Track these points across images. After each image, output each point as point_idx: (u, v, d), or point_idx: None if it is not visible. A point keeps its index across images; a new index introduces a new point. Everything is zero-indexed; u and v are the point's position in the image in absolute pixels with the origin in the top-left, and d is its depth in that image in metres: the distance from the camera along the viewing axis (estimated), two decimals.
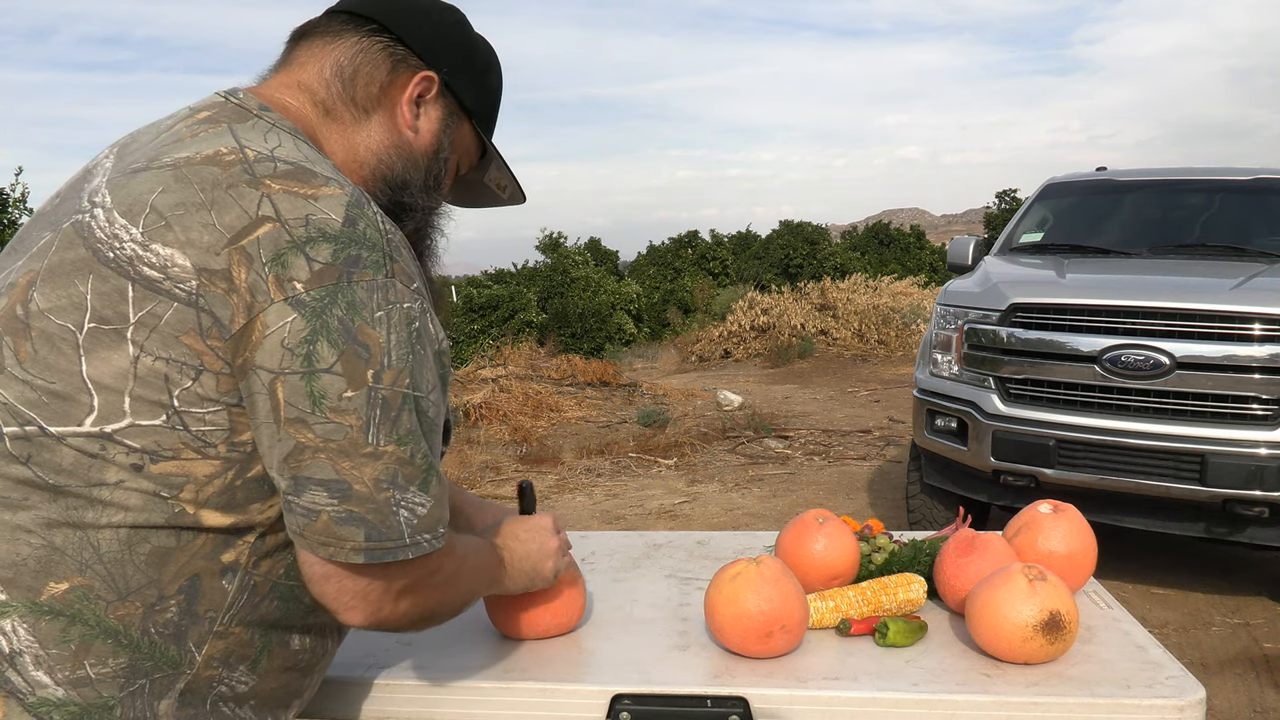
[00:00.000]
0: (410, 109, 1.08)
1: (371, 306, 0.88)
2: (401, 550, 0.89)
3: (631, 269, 36.89)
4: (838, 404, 9.48)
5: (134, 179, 0.92)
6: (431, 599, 0.98)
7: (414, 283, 0.93)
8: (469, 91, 1.12)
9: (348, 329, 0.86)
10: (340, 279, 0.87)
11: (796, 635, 1.23)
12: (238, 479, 0.90)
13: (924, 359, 4.54)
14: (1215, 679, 3.30)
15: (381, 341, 0.88)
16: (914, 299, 14.91)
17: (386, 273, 0.90)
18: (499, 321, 21.79)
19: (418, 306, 0.92)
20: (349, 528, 0.87)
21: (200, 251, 0.87)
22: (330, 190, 0.91)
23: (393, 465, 0.88)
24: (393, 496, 0.88)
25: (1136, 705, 1.10)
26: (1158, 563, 4.44)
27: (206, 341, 0.86)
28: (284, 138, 0.96)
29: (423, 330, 0.92)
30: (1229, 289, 3.77)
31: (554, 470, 6.76)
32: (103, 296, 0.87)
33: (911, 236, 44.46)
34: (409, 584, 0.94)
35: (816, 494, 5.91)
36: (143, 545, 0.88)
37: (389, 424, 0.88)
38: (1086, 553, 1.42)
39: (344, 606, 0.92)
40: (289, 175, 0.91)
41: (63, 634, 0.87)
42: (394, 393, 0.88)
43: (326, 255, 0.87)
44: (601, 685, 1.16)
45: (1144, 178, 5.25)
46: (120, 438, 0.87)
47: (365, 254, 0.89)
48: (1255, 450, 3.51)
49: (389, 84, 1.07)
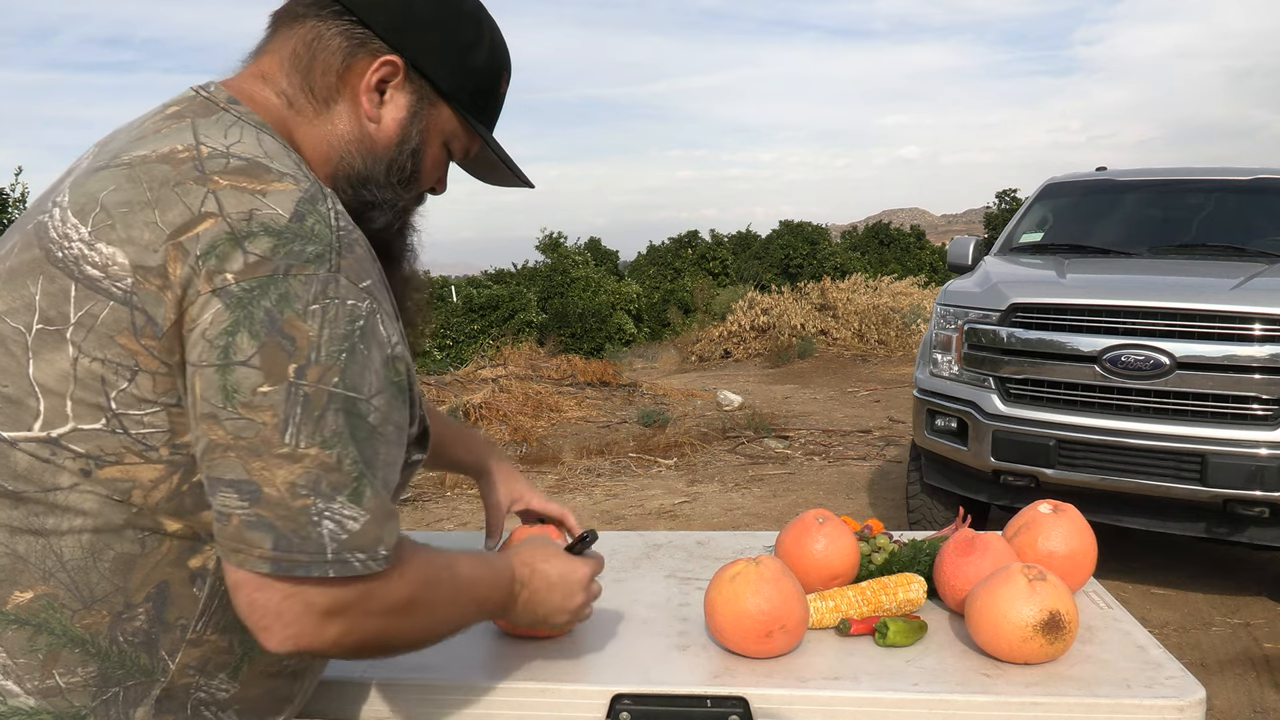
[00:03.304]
0: (371, 98, 1.00)
1: (306, 299, 0.82)
2: (319, 566, 0.80)
3: (631, 269, 36.90)
4: (838, 404, 9.47)
5: (92, 177, 0.89)
6: (373, 628, 0.87)
7: (365, 282, 0.87)
8: (443, 73, 1.03)
9: (273, 320, 0.80)
10: (276, 272, 0.81)
11: (796, 635, 1.23)
12: (184, 484, 0.86)
13: (924, 359, 4.54)
14: (1215, 679, 3.30)
15: (311, 335, 0.81)
16: (914, 299, 14.91)
17: (330, 268, 0.84)
18: (499, 321, 21.78)
19: (365, 306, 0.85)
20: (257, 533, 0.79)
21: (139, 249, 0.83)
22: (282, 186, 0.86)
23: (314, 470, 0.80)
24: (312, 505, 0.80)
25: (1136, 705, 1.10)
26: (1158, 563, 4.44)
27: (140, 341, 0.83)
28: (246, 132, 0.92)
29: (369, 331, 0.85)
30: (1229, 289, 3.77)
31: (554, 470, 6.76)
32: (50, 297, 0.84)
33: (911, 236, 44.49)
34: (335, 608, 0.83)
35: (816, 494, 5.91)
36: (106, 552, 0.85)
37: (311, 424, 0.80)
38: (1086, 553, 1.42)
39: (258, 624, 0.82)
40: (240, 171, 0.86)
41: (29, 643, 0.84)
42: (319, 390, 0.81)
43: (265, 249, 0.82)
44: (601, 685, 1.16)
45: (1144, 178, 5.25)
46: (66, 442, 0.83)
47: (309, 249, 0.83)
48: (1255, 450, 3.51)
49: (346, 71, 0.99)
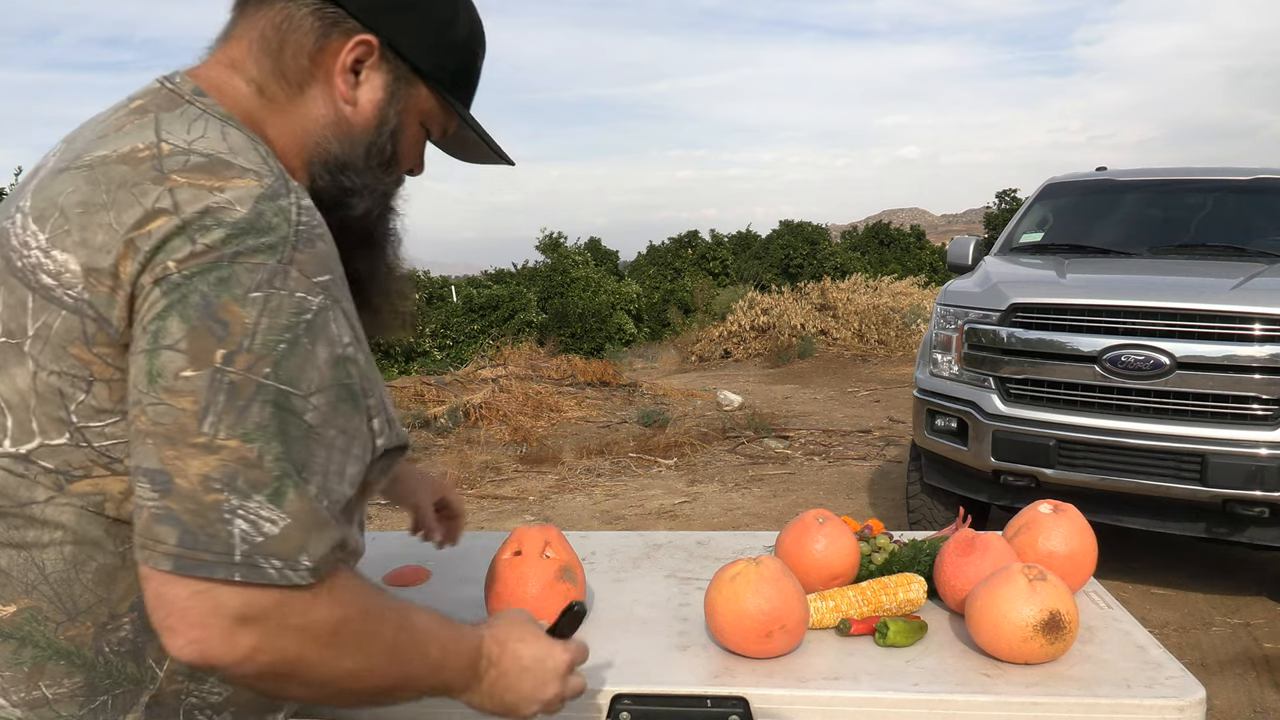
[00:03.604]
0: (346, 79, 0.95)
1: (248, 285, 0.77)
2: (225, 568, 0.74)
3: (631, 269, 36.90)
4: (838, 404, 9.47)
5: (55, 180, 0.86)
6: (292, 650, 0.78)
7: (321, 277, 0.82)
8: (420, 51, 0.98)
9: (208, 304, 0.76)
10: (221, 260, 0.77)
11: (796, 635, 1.23)
12: None
13: (924, 359, 4.54)
14: (1215, 679, 3.30)
15: (247, 322, 0.76)
16: (914, 299, 14.91)
17: (282, 259, 0.79)
18: (499, 321, 21.78)
19: (317, 302, 0.81)
20: (164, 527, 0.74)
21: (91, 251, 0.80)
22: (243, 182, 0.82)
23: (231, 464, 0.74)
24: (225, 501, 0.74)
25: (1136, 705, 1.10)
26: (1158, 563, 4.44)
27: (93, 349, 0.80)
28: (211, 126, 0.87)
29: (317, 327, 0.80)
30: (1229, 289, 3.77)
31: (554, 470, 6.76)
32: (10, 309, 0.82)
33: (911, 236, 44.48)
34: (248, 614, 0.75)
35: (816, 494, 5.91)
36: (88, 564, 0.83)
37: (234, 414, 0.75)
38: (1086, 553, 1.42)
39: (162, 623, 0.76)
40: (199, 168, 0.83)
41: (14, 656, 0.83)
42: (247, 379, 0.76)
43: (214, 240, 0.78)
44: (601, 685, 1.16)
45: (1144, 178, 5.25)
46: (35, 458, 0.82)
47: (262, 240, 0.79)
48: (1255, 450, 3.51)
49: (318, 52, 0.94)
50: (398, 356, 16.10)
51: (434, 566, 1.60)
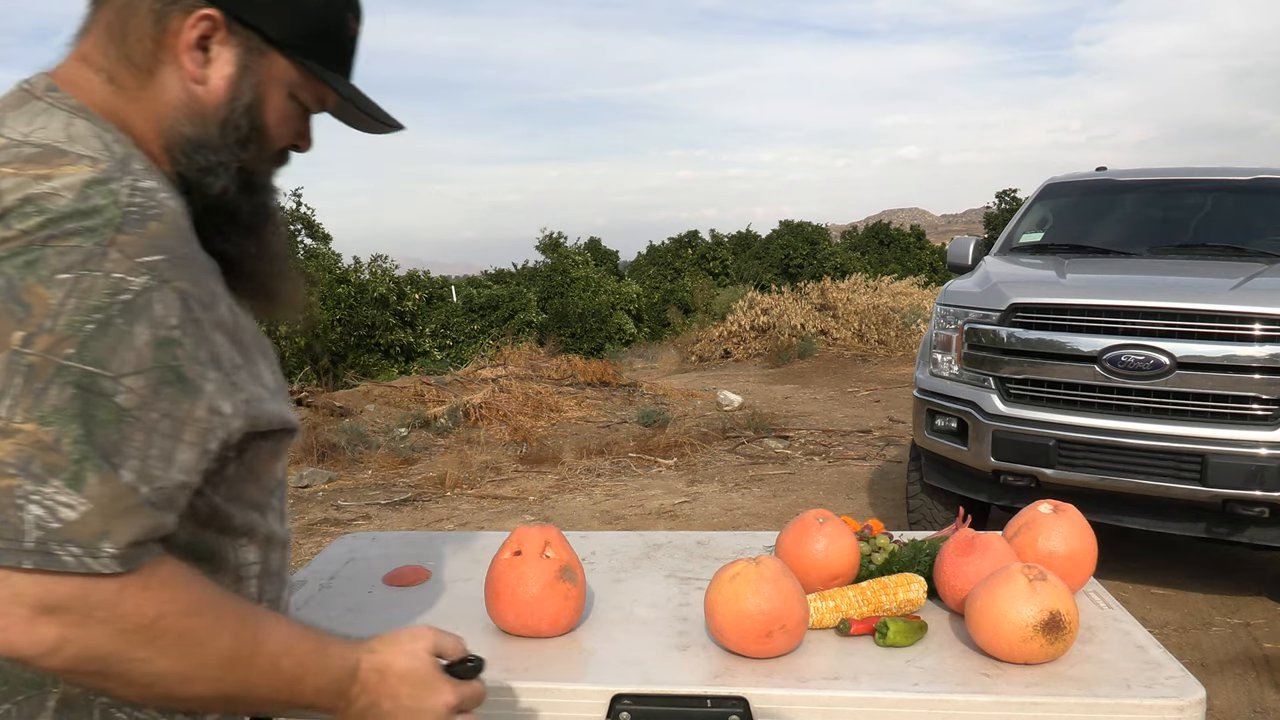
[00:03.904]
0: (194, 57, 0.92)
1: (57, 267, 0.75)
2: (12, 554, 0.71)
3: (631, 269, 36.93)
4: (838, 404, 9.48)
5: None
6: (100, 644, 0.75)
7: (150, 258, 0.78)
8: (269, 19, 0.94)
9: (12, 287, 0.74)
10: (32, 243, 0.75)
11: (796, 635, 1.23)
12: None
13: (924, 359, 4.54)
14: (1215, 679, 3.30)
15: (52, 303, 0.74)
16: (914, 299, 14.92)
17: (102, 242, 0.76)
18: (499, 321, 21.79)
19: (140, 282, 0.77)
20: None
21: None
22: (74, 169, 0.80)
23: (26, 448, 0.72)
24: (18, 485, 0.71)
25: (1136, 705, 1.10)
26: (1158, 563, 4.44)
27: None
28: (55, 118, 0.86)
29: (136, 307, 0.77)
30: (1229, 289, 3.77)
31: (554, 470, 6.76)
32: None
33: (911, 236, 44.51)
34: (48, 604, 0.72)
35: (816, 494, 5.91)
36: None
37: (31, 397, 0.73)
38: (1086, 553, 1.42)
39: None
40: (31, 158, 0.81)
41: None
42: (47, 360, 0.73)
43: (28, 225, 0.76)
44: (601, 685, 1.16)
45: (1144, 178, 5.25)
46: None
47: (82, 224, 0.77)
48: (1255, 450, 3.51)
49: (161, 34, 0.91)
50: (398, 356, 16.09)
51: (434, 566, 1.60)
